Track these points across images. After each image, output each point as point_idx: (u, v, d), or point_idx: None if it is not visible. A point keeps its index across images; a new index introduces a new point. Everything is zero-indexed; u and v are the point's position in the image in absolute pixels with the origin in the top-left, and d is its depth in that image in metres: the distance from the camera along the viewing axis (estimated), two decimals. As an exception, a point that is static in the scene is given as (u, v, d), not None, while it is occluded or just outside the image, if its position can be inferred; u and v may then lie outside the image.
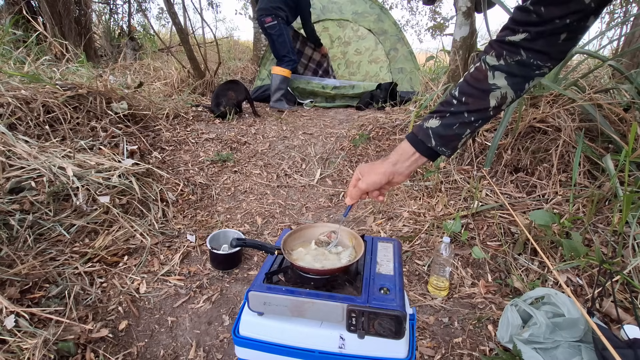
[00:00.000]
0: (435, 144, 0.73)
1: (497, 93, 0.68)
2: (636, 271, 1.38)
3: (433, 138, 0.73)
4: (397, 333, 0.72)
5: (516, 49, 0.65)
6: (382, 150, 2.69)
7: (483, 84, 0.68)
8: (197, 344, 1.30)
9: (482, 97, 0.69)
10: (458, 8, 2.62)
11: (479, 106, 0.70)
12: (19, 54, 2.86)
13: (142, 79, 3.78)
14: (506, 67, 0.66)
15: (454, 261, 1.62)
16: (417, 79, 4.27)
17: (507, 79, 0.67)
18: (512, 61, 0.66)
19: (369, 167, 0.80)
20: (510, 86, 0.67)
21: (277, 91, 3.96)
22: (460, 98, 0.71)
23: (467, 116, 0.71)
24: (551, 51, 0.64)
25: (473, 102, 0.70)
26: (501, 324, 1.25)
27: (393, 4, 12.02)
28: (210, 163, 2.57)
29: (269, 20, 3.75)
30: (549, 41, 0.63)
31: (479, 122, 0.72)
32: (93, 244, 1.65)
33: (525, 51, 0.64)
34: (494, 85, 0.68)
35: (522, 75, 0.66)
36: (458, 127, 0.71)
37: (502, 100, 0.69)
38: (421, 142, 0.74)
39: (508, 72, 0.66)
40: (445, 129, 0.72)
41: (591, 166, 1.94)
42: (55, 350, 1.15)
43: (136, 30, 6.79)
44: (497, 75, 0.67)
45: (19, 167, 1.71)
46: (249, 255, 1.77)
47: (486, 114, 0.71)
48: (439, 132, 0.72)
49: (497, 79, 0.67)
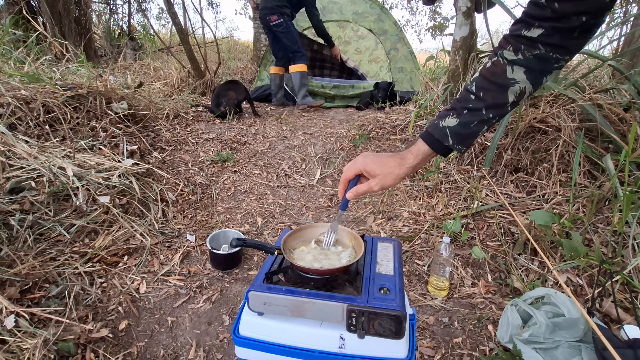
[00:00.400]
0: (453, 142, 0.71)
1: (516, 88, 0.67)
2: (636, 271, 1.38)
3: (451, 137, 0.71)
4: (397, 333, 0.72)
5: (534, 44, 0.64)
6: (382, 150, 2.69)
7: (502, 78, 0.67)
8: (197, 344, 1.30)
9: (501, 92, 0.68)
10: (458, 8, 2.62)
11: (497, 101, 0.68)
12: (19, 54, 2.86)
13: (142, 79, 3.78)
14: (525, 61, 0.65)
15: (454, 261, 1.62)
16: (417, 78, 4.28)
17: (526, 73, 0.66)
18: (530, 55, 0.64)
19: (381, 167, 0.75)
20: (529, 80, 0.66)
21: (301, 88, 3.93)
22: (478, 93, 0.69)
23: (485, 113, 0.69)
24: (569, 44, 0.63)
25: (492, 97, 0.68)
26: (501, 324, 1.25)
27: (393, 4, 12.05)
28: (210, 163, 2.57)
29: (274, 18, 3.74)
30: (565, 35, 0.62)
31: (496, 119, 0.70)
32: (93, 244, 1.65)
33: (544, 45, 0.63)
34: (513, 80, 0.66)
35: (540, 69, 0.66)
36: (476, 124, 0.70)
37: (520, 96, 0.68)
38: (438, 142, 0.72)
39: (527, 66, 0.65)
40: (464, 127, 0.70)
41: (591, 166, 1.94)
42: (55, 350, 1.15)
43: (136, 30, 6.80)
44: (516, 69, 0.66)
45: (19, 167, 1.71)
46: (249, 255, 1.77)
47: (504, 110, 0.69)
48: (456, 131, 0.71)
49: (516, 73, 0.66)
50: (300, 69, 3.86)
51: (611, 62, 2.14)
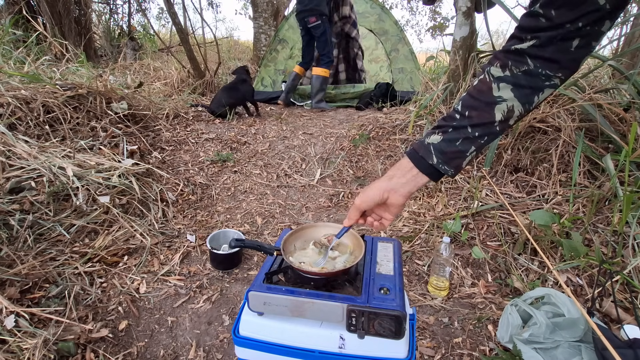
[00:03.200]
0: (437, 161, 0.68)
1: (503, 106, 0.64)
2: (636, 271, 1.38)
3: (434, 154, 0.68)
4: (397, 333, 0.72)
5: (523, 58, 0.61)
6: (382, 150, 2.69)
7: (487, 96, 0.65)
8: (197, 344, 1.30)
9: (487, 110, 0.65)
10: (458, 8, 2.62)
11: (483, 120, 0.66)
12: (19, 54, 2.86)
13: (142, 79, 3.78)
14: (512, 78, 0.63)
15: (454, 261, 1.62)
16: (417, 78, 4.28)
17: (514, 90, 0.63)
18: (518, 72, 0.62)
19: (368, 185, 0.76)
20: (517, 98, 0.63)
21: (319, 92, 3.97)
22: (463, 112, 0.67)
23: (470, 131, 0.66)
24: (561, 59, 0.60)
25: (477, 115, 0.66)
26: (501, 324, 1.25)
27: (393, 4, 12.06)
28: (210, 163, 2.57)
29: (313, 20, 3.72)
30: (560, 48, 0.59)
31: (484, 139, 0.67)
32: (93, 244, 1.65)
33: (533, 59, 0.61)
34: (500, 98, 0.64)
35: (529, 86, 0.62)
36: (461, 142, 0.67)
37: (509, 114, 0.65)
38: (422, 159, 0.69)
39: (514, 83, 0.63)
40: (448, 144, 0.67)
41: (591, 166, 1.94)
42: (55, 350, 1.15)
43: (136, 30, 6.80)
44: (502, 87, 0.63)
45: (19, 167, 1.71)
46: (249, 255, 1.77)
47: (491, 129, 0.66)
48: (440, 148, 0.68)
49: (503, 91, 0.64)
50: (323, 74, 3.90)
51: (611, 62, 2.13)
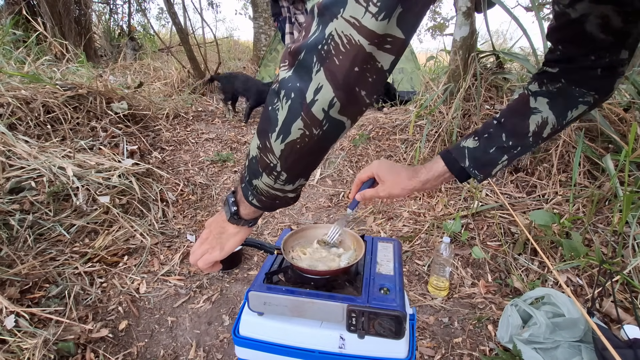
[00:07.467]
0: (469, 164, 0.71)
1: (538, 117, 0.68)
2: (636, 271, 1.38)
3: (468, 158, 0.71)
4: (397, 333, 0.72)
5: (556, 78, 0.68)
6: (382, 151, 2.69)
7: (524, 107, 0.70)
8: (197, 344, 1.30)
9: (522, 119, 0.69)
10: (458, 8, 2.61)
11: (517, 129, 0.69)
12: (19, 54, 2.86)
13: (142, 79, 3.78)
14: (547, 93, 0.68)
15: (454, 261, 1.62)
16: (417, 78, 4.27)
17: (549, 103, 0.68)
18: (553, 88, 0.68)
19: (393, 175, 0.75)
20: (552, 111, 0.68)
21: None
22: (500, 119, 0.71)
23: (504, 139, 0.70)
24: (590, 82, 0.66)
25: (512, 124, 0.70)
26: (501, 324, 1.25)
27: (393, 4, 12.02)
28: (210, 163, 2.57)
29: None
30: (585, 75, 0.65)
31: (517, 149, 0.70)
32: (93, 244, 1.65)
33: (565, 80, 0.67)
34: (535, 109, 0.68)
35: (564, 101, 0.68)
36: (495, 150, 0.70)
37: (542, 126, 0.68)
38: (455, 161, 0.72)
39: (550, 97, 0.68)
40: (482, 150, 0.70)
41: (591, 166, 1.94)
42: (55, 350, 1.15)
43: (136, 30, 6.79)
44: (539, 100, 0.68)
45: (19, 167, 1.71)
46: (249, 255, 1.77)
47: (525, 140, 0.69)
48: (474, 154, 0.71)
49: (539, 103, 0.68)
50: None
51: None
